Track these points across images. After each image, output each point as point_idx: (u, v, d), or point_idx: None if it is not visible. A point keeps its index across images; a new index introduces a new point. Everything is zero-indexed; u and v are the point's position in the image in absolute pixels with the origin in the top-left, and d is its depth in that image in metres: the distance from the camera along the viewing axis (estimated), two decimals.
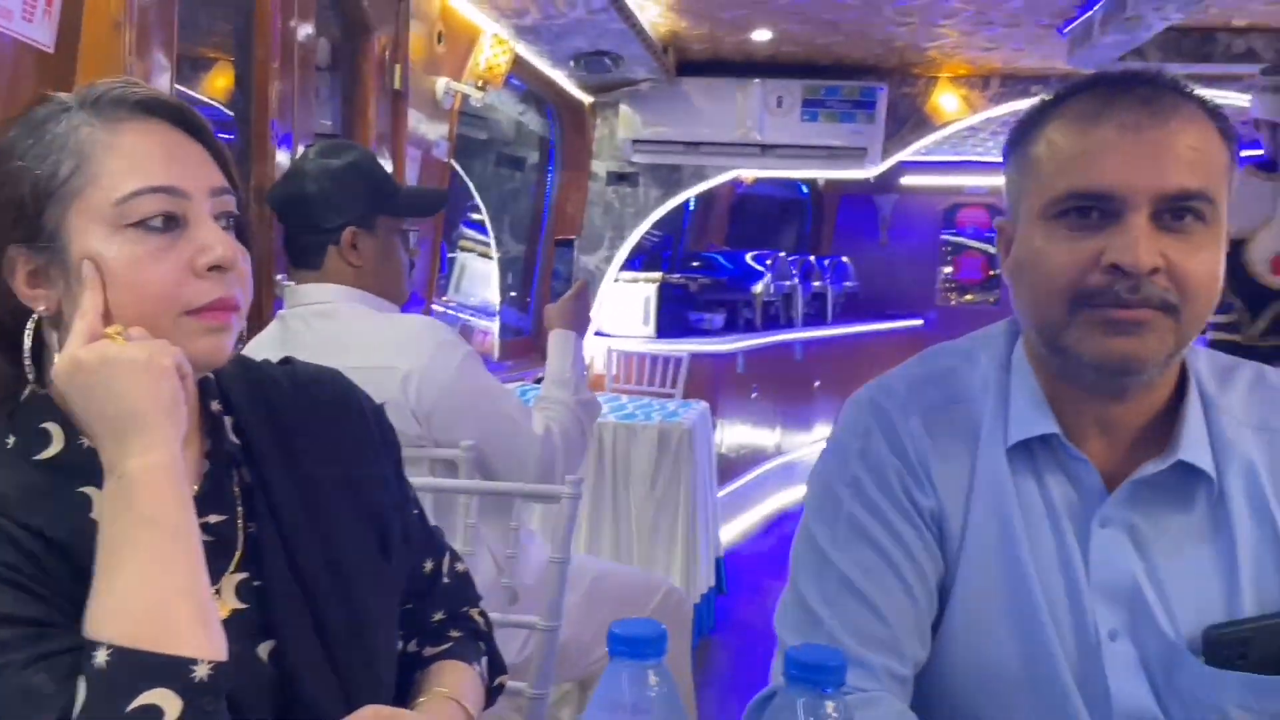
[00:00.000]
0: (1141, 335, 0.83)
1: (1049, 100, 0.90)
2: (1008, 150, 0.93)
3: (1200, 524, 0.88)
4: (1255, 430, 0.89)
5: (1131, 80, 0.86)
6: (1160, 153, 0.82)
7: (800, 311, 6.69)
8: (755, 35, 4.09)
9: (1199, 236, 0.83)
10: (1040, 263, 0.86)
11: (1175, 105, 0.84)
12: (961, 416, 0.94)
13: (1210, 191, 0.83)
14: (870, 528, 0.91)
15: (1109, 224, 0.83)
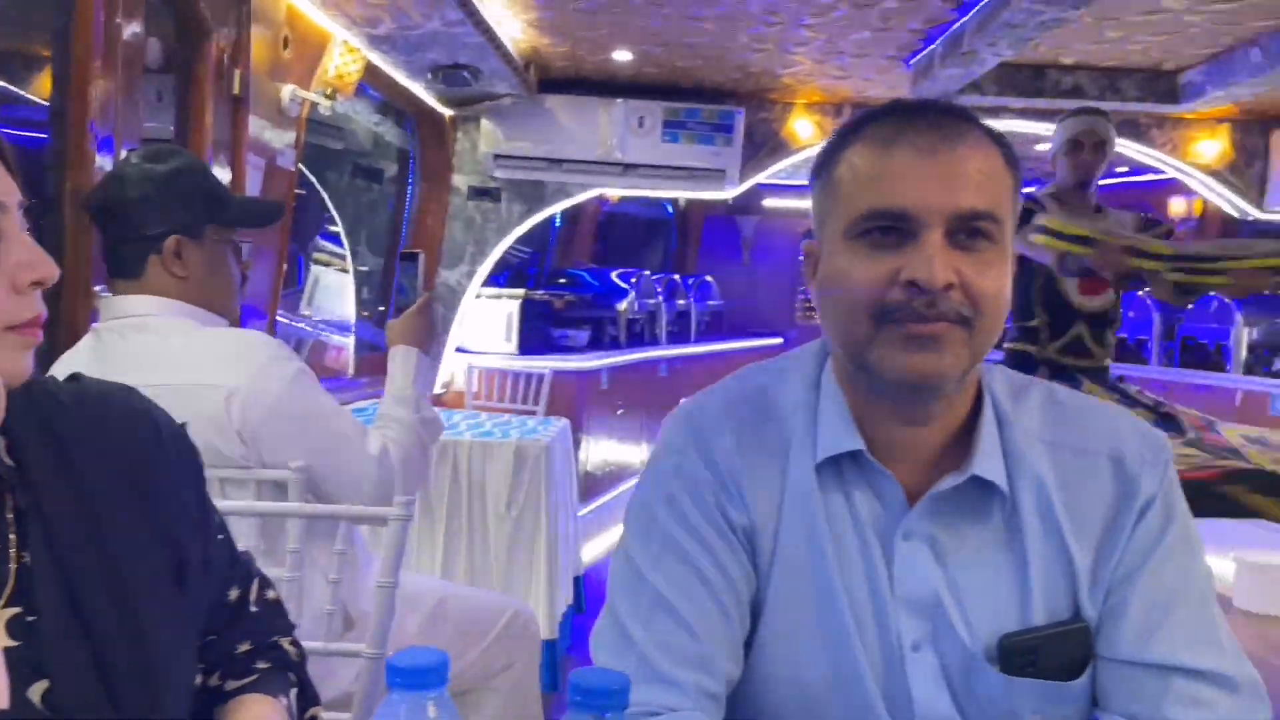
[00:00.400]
0: (939, 350, 0.85)
1: (849, 126, 0.93)
2: (813, 175, 0.95)
3: (996, 535, 0.91)
4: (1046, 445, 0.93)
5: (925, 107, 0.90)
6: (952, 175, 0.86)
7: (665, 329, 6.76)
8: (616, 55, 4.12)
9: (989, 254, 0.87)
10: (844, 281, 0.89)
11: (964, 131, 0.88)
12: (773, 434, 0.95)
13: (998, 212, 0.87)
14: (685, 545, 0.92)
15: (907, 243, 0.86)
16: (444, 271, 4.79)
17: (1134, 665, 0.88)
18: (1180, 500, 0.93)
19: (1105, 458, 0.92)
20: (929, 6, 3.30)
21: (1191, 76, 3.93)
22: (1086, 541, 0.90)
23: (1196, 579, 0.91)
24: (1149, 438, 0.94)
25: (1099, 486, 0.91)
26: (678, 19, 3.56)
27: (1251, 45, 3.50)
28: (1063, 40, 3.67)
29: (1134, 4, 3.18)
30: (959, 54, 3.44)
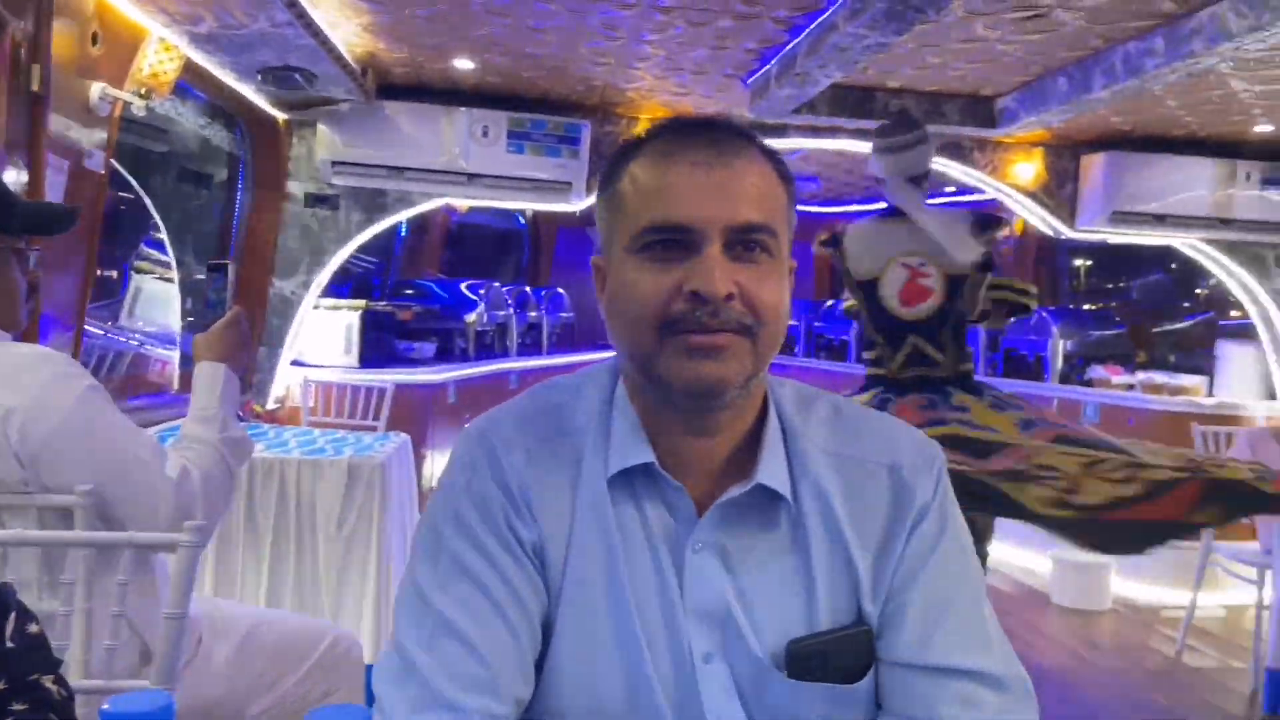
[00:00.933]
0: (723, 359, 0.87)
1: (632, 142, 0.94)
2: (599, 191, 0.96)
3: (782, 543, 0.93)
4: (829, 456, 0.96)
5: (703, 124, 0.92)
6: (728, 189, 0.88)
7: (516, 341, 6.70)
8: (458, 63, 4.06)
9: (766, 266, 0.89)
10: (631, 294, 0.89)
11: (740, 147, 0.90)
12: (566, 449, 0.95)
13: (773, 225, 0.90)
14: (472, 564, 0.90)
15: (688, 255, 0.87)
16: (278, 281, 4.60)
17: (911, 668, 0.91)
18: (953, 507, 0.97)
19: (883, 467, 0.95)
20: (763, 28, 3.38)
21: (1007, 102, 4.17)
22: (867, 548, 0.93)
23: (969, 583, 0.94)
24: (924, 448, 0.97)
25: (878, 495, 0.94)
26: (518, 29, 3.53)
27: (1059, 74, 3.74)
28: (889, 65, 3.83)
29: (952, 32, 3.35)
30: (792, 75, 3.54)
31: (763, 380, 0.96)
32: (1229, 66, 3.50)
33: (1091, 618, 4.71)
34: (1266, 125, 4.42)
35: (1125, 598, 4.90)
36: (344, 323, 4.79)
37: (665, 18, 3.34)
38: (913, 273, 3.06)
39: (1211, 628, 4.55)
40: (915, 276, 3.06)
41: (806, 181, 6.93)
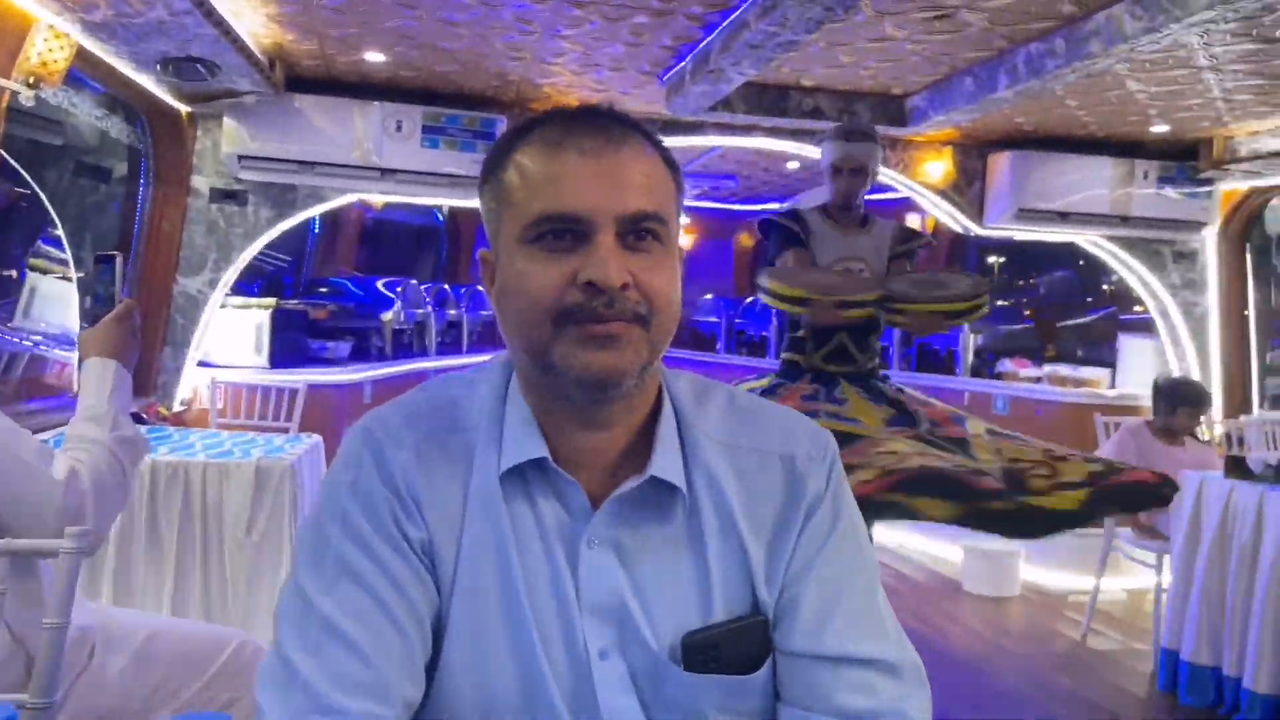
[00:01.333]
0: (619, 348, 0.86)
1: (515, 130, 0.93)
2: (482, 182, 0.94)
3: (678, 536, 0.93)
4: (724, 447, 0.95)
5: (589, 113, 0.91)
6: (618, 177, 0.87)
7: (435, 340, 6.61)
8: (369, 56, 3.98)
9: (658, 254, 0.89)
10: (523, 286, 0.88)
11: (627, 136, 0.90)
12: (457, 445, 0.93)
13: (664, 214, 0.89)
14: (358, 565, 0.87)
15: (581, 245, 0.86)
16: (183, 280, 4.45)
17: (807, 657, 0.91)
18: (847, 495, 0.97)
19: (777, 458, 0.95)
20: (677, 24, 3.39)
21: (916, 101, 4.26)
22: (761, 539, 0.93)
23: (863, 571, 0.95)
24: (817, 438, 0.98)
25: (771, 486, 0.94)
26: (429, 22, 3.48)
27: (966, 74, 3.83)
28: (802, 63, 3.87)
29: (862, 31, 3.40)
30: (706, 72, 3.56)
31: (657, 372, 0.95)
32: (1126, 68, 3.63)
33: (1001, 604, 4.83)
34: (1162, 126, 4.59)
35: (1034, 584, 5.04)
36: (253, 322, 4.66)
37: (580, 12, 3.32)
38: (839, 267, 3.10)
39: (1115, 611, 4.71)
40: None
41: (724, 180, 6.98)
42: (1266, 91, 3.91)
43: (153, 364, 4.40)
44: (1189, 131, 4.69)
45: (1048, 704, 3.60)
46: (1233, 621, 3.40)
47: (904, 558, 5.63)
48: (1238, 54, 3.43)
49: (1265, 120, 4.38)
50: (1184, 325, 5.36)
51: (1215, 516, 3.52)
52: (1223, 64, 3.55)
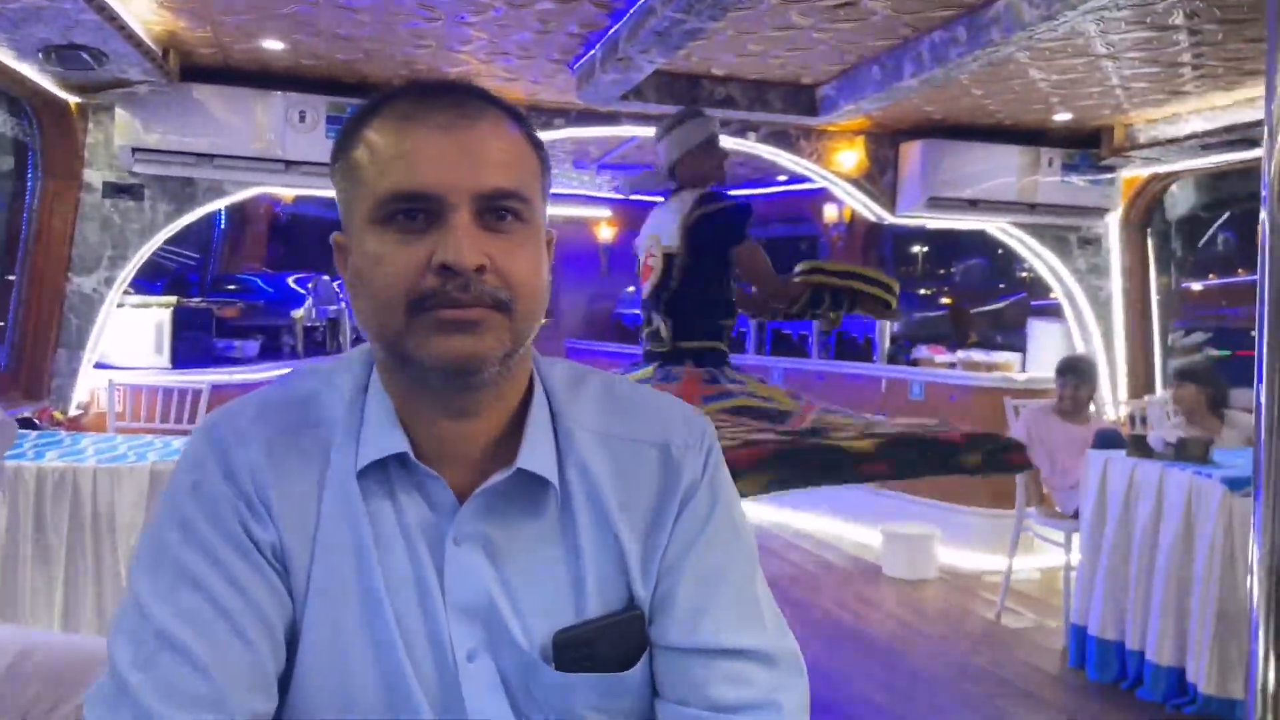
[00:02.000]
0: (478, 333, 0.82)
1: (366, 106, 0.88)
2: (333, 162, 0.89)
3: (550, 530, 0.89)
4: (598, 436, 0.92)
5: (443, 87, 0.86)
6: (474, 153, 0.82)
7: (349, 337, 6.46)
8: (267, 44, 3.85)
9: (520, 235, 0.84)
10: (376, 270, 0.83)
11: (484, 110, 0.85)
12: (312, 441, 0.87)
13: (525, 191, 0.85)
14: (199, 572, 0.81)
15: (436, 226, 0.82)
16: (76, 278, 4.26)
17: (682, 651, 0.88)
18: (725, 483, 0.94)
19: (653, 446, 0.92)
20: (584, 11, 3.34)
21: (826, 90, 4.28)
22: (636, 531, 0.90)
23: (740, 560, 0.92)
24: (693, 424, 0.95)
25: (647, 475, 0.91)
26: (328, 8, 3.37)
27: (873, 63, 3.86)
28: (712, 52, 3.86)
29: (768, 19, 3.40)
30: (615, 60, 3.52)
31: (528, 359, 0.91)
32: (1027, 56, 3.69)
33: (919, 586, 4.91)
34: (1065, 114, 4.69)
35: (950, 566, 5.13)
36: (153, 321, 4.49)
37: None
38: (647, 253, 3.20)
39: (1028, 590, 4.81)
40: (648, 256, 3.19)
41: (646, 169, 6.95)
42: (1162, 79, 4.01)
43: (45, 367, 4.21)
44: (1091, 119, 4.80)
45: (963, 684, 3.66)
46: (1135, 596, 3.50)
47: (825, 544, 5.69)
48: (1133, 41, 3.51)
49: (1162, 108, 4.51)
50: (1090, 309, 5.50)
51: (1119, 495, 3.61)
52: (1119, 52, 3.64)
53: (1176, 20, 3.25)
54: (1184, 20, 3.25)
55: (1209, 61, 3.73)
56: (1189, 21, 3.26)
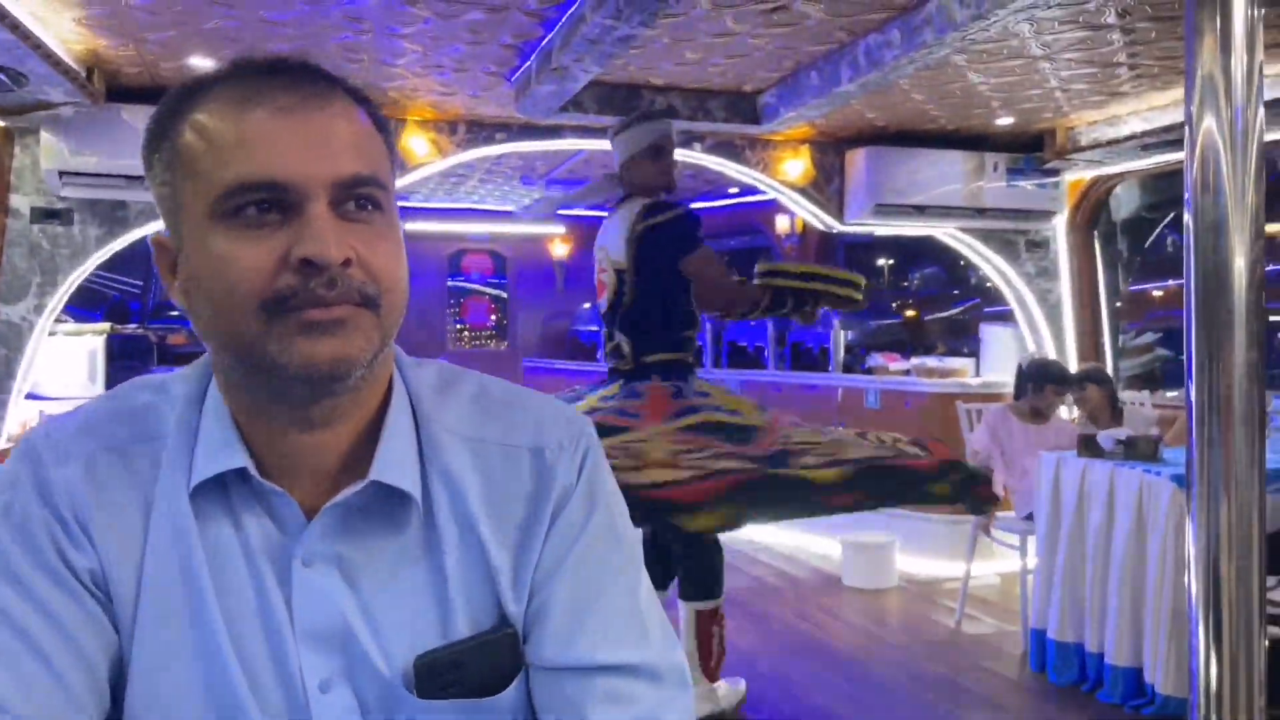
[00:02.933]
0: (346, 334, 0.74)
1: (186, 88, 0.79)
2: (147, 154, 0.80)
3: (412, 547, 0.82)
4: (468, 442, 0.85)
5: (281, 65, 0.78)
6: (327, 138, 0.75)
7: None
8: (194, 61, 3.76)
9: (380, 225, 0.77)
10: (223, 271, 0.74)
11: (329, 91, 0.77)
12: (141, 458, 0.80)
13: (381, 177, 0.78)
14: (8, 603, 0.73)
15: (291, 218, 0.74)
16: (4, 307, 4.12)
17: (558, 670, 0.82)
18: (604, 486, 0.88)
19: (526, 451, 0.85)
20: (515, 21, 3.29)
21: (768, 98, 4.25)
22: (507, 544, 0.83)
23: (621, 570, 0.86)
24: (570, 425, 0.88)
25: (519, 482, 0.84)
26: (253, 23, 3.29)
27: (811, 69, 3.84)
28: (649, 61, 3.82)
29: (703, 26, 3.36)
30: (550, 70, 3.47)
31: (389, 361, 0.84)
32: (964, 59, 3.69)
33: (880, 596, 4.87)
34: (1007, 118, 4.71)
35: (910, 574, 5.10)
36: (86, 350, 4.35)
37: (413, 9, 3.19)
38: (599, 268, 3.17)
39: (988, 595, 4.79)
40: (600, 271, 3.16)
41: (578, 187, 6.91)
42: (1099, 80, 4.03)
43: None
44: (1033, 123, 4.82)
45: (924, 693, 3.61)
46: (1092, 598, 3.47)
47: (786, 556, 5.63)
48: (1068, 42, 3.52)
49: (1102, 109, 4.53)
50: (1040, 312, 5.52)
51: (1072, 495, 3.59)
52: (1055, 53, 3.64)
53: (1109, 19, 3.26)
54: (1116, 19, 3.26)
55: (1144, 61, 3.74)
56: (1121, 20, 3.27)
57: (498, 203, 7.61)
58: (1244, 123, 1.13)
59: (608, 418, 2.75)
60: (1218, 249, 1.13)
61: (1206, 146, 1.14)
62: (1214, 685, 1.17)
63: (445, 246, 8.86)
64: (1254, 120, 1.16)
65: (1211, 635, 1.17)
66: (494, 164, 6.05)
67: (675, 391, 2.95)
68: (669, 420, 2.73)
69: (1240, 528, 1.18)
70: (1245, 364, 1.16)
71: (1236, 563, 1.21)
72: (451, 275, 9.01)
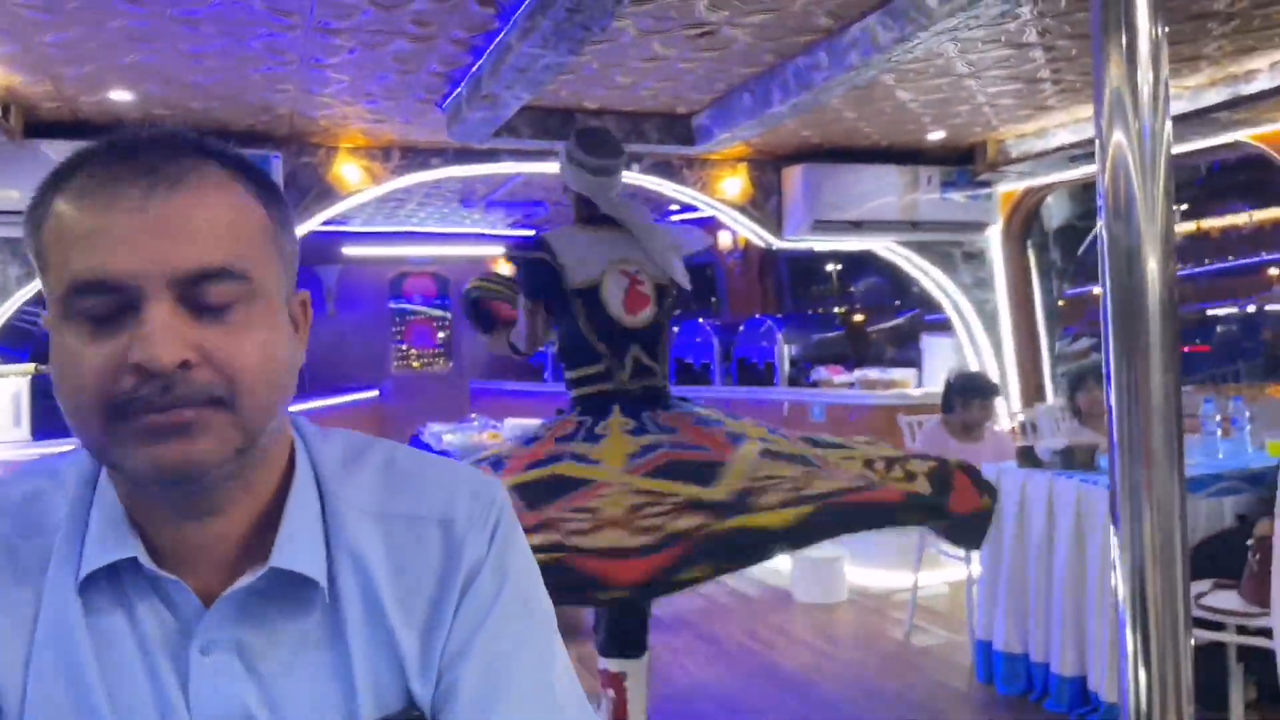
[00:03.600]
0: (191, 438, 0.70)
1: (59, 169, 0.75)
2: (25, 234, 0.76)
3: (316, 630, 0.78)
4: (375, 519, 0.82)
5: (147, 144, 0.74)
6: (173, 228, 0.71)
7: None
8: (115, 95, 3.67)
9: (244, 315, 0.73)
10: (70, 371, 0.70)
11: (194, 169, 0.73)
12: (29, 550, 0.76)
13: (243, 265, 0.73)
14: None
15: (130, 318, 0.69)
16: None
17: None
18: (516, 557, 0.85)
19: (435, 524, 0.82)
20: (442, 50, 3.26)
21: (702, 120, 4.26)
22: (414, 622, 0.80)
23: (534, 644, 0.83)
24: (481, 495, 0.85)
25: (428, 558, 0.81)
26: (172, 55, 3.22)
27: (743, 91, 3.85)
28: (580, 85, 3.80)
29: (632, 51, 3.36)
30: (481, 98, 3.44)
31: (281, 444, 0.81)
32: (892, 78, 3.72)
33: (830, 610, 4.88)
34: (938, 132, 4.77)
35: (860, 586, 5.12)
36: (9, 391, 4.21)
37: (337, 40, 3.14)
38: (632, 280, 2.92)
39: (937, 605, 4.82)
40: (634, 284, 2.92)
41: (534, 207, 6.88)
42: (1025, 95, 4.10)
43: None
44: (964, 137, 4.89)
45: (876, 709, 3.62)
46: (1036, 608, 3.51)
47: (737, 574, 5.63)
48: (992, 60, 3.57)
49: (1029, 123, 4.62)
50: (978, 322, 5.59)
51: (1013, 507, 3.62)
52: (980, 70, 3.70)
53: (1030, 38, 3.32)
54: (1037, 38, 3.31)
55: (1067, 76, 3.81)
56: (1042, 39, 3.32)
57: (439, 225, 7.54)
58: (1152, 137, 1.16)
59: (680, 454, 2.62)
60: (1132, 263, 1.15)
61: (1117, 161, 1.16)
62: (1144, 694, 1.19)
63: (387, 269, 8.77)
64: (1162, 134, 1.18)
65: (1140, 643, 1.19)
66: (433, 188, 5.99)
67: (636, 427, 2.79)
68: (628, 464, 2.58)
69: (1164, 539, 1.21)
70: (1162, 385, 1.19)
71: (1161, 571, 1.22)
72: (393, 298, 8.90)
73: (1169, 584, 1.23)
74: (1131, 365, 1.22)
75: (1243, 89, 3.81)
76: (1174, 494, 1.26)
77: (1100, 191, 1.20)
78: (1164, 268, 1.17)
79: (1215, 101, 3.89)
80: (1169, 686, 1.24)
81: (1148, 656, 1.23)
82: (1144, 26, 1.15)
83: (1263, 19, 3.17)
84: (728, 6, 2.93)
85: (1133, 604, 1.22)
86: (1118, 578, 1.22)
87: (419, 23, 2.99)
